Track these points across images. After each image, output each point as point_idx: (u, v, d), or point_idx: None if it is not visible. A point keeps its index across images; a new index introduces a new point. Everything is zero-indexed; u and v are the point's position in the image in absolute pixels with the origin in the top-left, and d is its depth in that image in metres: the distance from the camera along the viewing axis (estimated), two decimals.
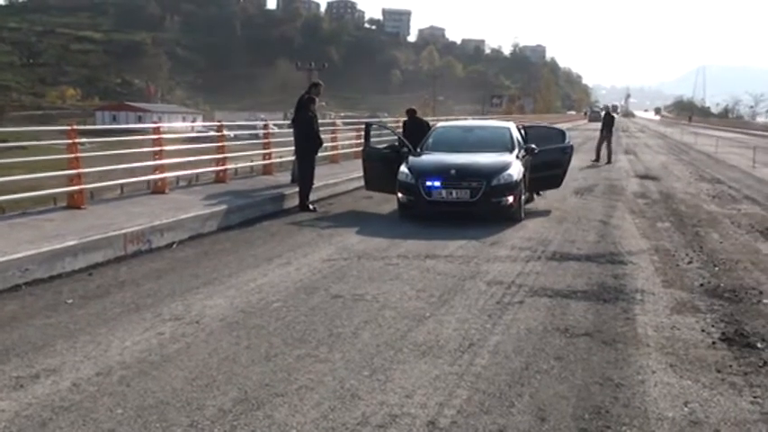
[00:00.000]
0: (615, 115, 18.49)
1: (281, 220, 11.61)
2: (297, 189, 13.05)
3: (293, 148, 14.74)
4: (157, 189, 12.40)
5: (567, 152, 13.47)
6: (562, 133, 14.11)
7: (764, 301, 6.96)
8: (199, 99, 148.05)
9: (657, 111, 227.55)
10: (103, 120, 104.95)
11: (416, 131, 14.51)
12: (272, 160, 16.55)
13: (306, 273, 7.86)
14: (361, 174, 14.23)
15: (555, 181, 13.47)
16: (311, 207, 12.78)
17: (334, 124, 24.05)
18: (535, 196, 14.03)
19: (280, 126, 18.95)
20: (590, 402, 4.47)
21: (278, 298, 6.78)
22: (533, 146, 12.82)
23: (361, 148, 15.58)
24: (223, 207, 11.14)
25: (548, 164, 13.00)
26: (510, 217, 11.44)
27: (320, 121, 13.66)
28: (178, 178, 14.11)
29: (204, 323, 5.96)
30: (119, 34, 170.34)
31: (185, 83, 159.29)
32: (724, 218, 12.43)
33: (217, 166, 14.63)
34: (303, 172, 12.82)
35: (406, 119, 16.33)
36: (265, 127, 18.03)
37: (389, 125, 16.24)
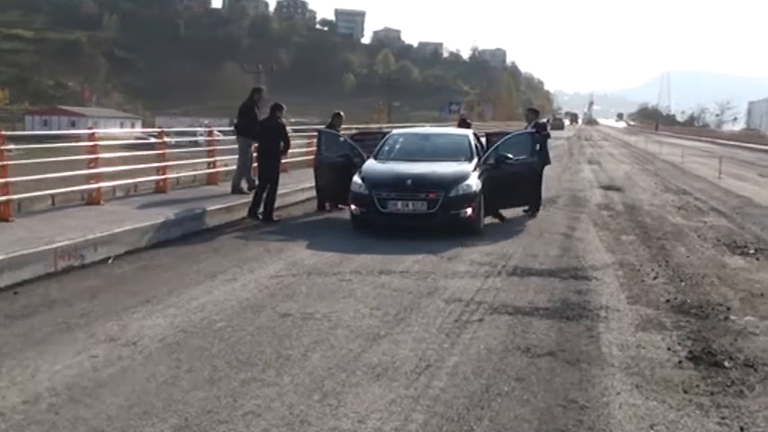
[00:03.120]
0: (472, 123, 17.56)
1: (225, 234, 11.51)
2: (243, 200, 13.01)
3: (237, 156, 14.71)
4: (92, 200, 12.19)
5: (533, 166, 13.31)
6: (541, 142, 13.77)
7: (732, 317, 7.09)
8: (138, 103, 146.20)
9: (620, 116, 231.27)
10: (34, 125, 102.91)
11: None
12: (217, 169, 16.41)
13: (252, 290, 7.79)
14: (313, 184, 14.18)
15: (525, 197, 13.37)
16: (276, 218, 12.84)
17: None
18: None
19: (225, 132, 18.82)
20: (553, 426, 4.49)
21: (222, 317, 6.71)
22: (509, 154, 12.71)
23: (312, 157, 15.55)
24: (163, 219, 10.99)
25: (516, 176, 12.74)
26: (469, 230, 11.48)
27: None
28: (115, 188, 13.86)
29: (142, 345, 5.86)
30: (52, 33, 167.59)
31: (123, 86, 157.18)
32: (690, 231, 12.66)
33: (157, 174, 14.46)
34: (274, 181, 12.79)
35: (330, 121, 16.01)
36: (209, 134, 17.90)
37: (343, 132, 16.21)
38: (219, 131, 19.21)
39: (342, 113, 16.05)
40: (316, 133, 16.32)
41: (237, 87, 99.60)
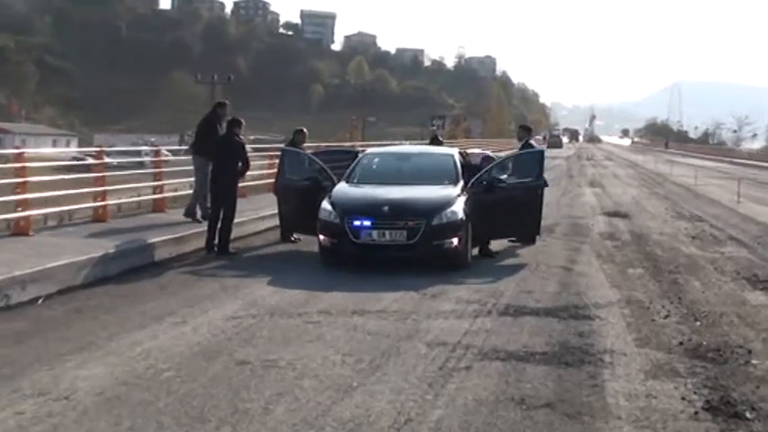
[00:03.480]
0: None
1: (174, 269, 11.46)
2: (195, 229, 12.98)
3: (193, 179, 14.69)
4: (19, 230, 12.10)
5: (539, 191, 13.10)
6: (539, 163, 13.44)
7: (753, 361, 7.14)
8: (74, 118, 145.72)
9: (626, 133, 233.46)
10: None
11: None
12: (165, 194, 16.36)
13: (205, 334, 7.75)
14: (275, 210, 14.16)
15: (520, 228, 13.20)
16: (233, 250, 12.85)
17: None
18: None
19: (175, 152, 18.79)
20: None
21: (170, 366, 6.66)
22: (502, 177, 12.73)
23: (274, 180, 15.54)
24: (102, 252, 10.92)
25: (511, 202, 12.58)
26: (455, 263, 11.51)
27: None
28: (46, 216, 13.79)
29: (76, 399, 5.80)
30: None
31: (57, 98, 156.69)
32: (706, 263, 12.76)
33: (95, 201, 14.38)
34: (230, 206, 12.76)
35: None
36: (156, 153, 17.87)
37: (310, 152, 16.17)
38: (168, 151, 19.21)
39: (305, 130, 16.03)
40: (279, 152, 16.31)
41: (189, 100, 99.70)
